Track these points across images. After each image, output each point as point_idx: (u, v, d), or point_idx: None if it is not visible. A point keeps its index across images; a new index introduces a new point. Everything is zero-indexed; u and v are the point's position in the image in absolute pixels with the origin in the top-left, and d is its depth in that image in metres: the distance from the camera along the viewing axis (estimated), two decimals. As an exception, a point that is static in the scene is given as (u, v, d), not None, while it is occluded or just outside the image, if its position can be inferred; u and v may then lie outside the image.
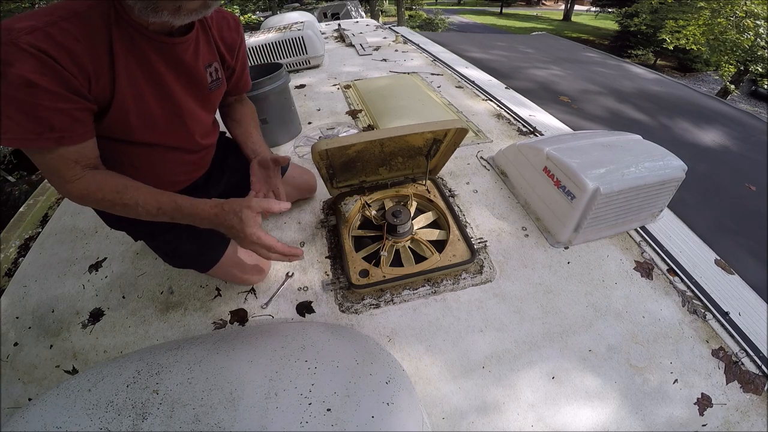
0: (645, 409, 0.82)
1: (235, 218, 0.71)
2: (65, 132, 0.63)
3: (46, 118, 0.60)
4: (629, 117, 2.48)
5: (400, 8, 13.67)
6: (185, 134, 0.85)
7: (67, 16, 0.58)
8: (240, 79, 0.97)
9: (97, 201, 0.71)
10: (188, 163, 0.93)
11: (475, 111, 1.99)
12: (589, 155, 1.12)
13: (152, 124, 0.76)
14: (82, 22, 0.60)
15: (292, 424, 0.53)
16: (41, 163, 0.67)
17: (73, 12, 0.59)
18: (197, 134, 0.89)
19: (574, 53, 4.05)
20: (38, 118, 0.60)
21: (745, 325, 0.96)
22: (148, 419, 0.54)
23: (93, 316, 1.06)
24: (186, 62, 0.76)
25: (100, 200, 0.71)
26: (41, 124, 0.60)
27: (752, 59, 7.08)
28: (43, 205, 1.63)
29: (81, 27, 0.59)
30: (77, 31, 0.59)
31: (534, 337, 0.94)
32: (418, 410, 0.63)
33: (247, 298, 1.06)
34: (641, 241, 1.18)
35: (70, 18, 0.58)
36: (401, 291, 1.05)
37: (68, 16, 0.58)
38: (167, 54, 0.72)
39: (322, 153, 0.98)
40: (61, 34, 0.57)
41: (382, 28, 3.90)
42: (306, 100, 2.20)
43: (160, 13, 0.60)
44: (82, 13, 0.60)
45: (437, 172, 1.30)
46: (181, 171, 0.92)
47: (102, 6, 0.62)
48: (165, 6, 0.60)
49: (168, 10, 0.60)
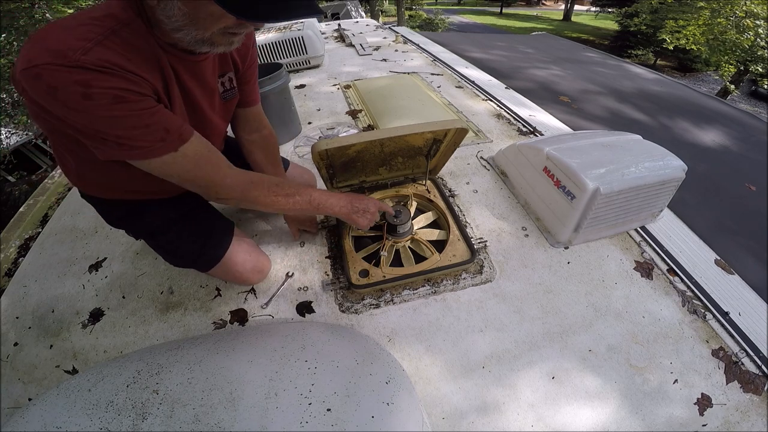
0: (645, 409, 0.82)
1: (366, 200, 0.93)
2: (180, 129, 0.64)
3: (156, 123, 0.61)
4: (629, 117, 2.48)
5: (400, 8, 13.68)
6: None
7: (107, 33, 0.56)
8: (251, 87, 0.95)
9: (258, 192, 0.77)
10: None
11: (475, 111, 1.99)
12: (589, 155, 1.12)
13: None
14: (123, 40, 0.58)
15: (292, 424, 0.53)
16: (182, 169, 0.67)
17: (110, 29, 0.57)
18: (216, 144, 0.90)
19: (574, 53, 4.05)
20: (150, 126, 0.60)
21: (745, 325, 0.96)
22: (148, 419, 0.54)
23: (93, 316, 1.06)
24: (206, 77, 0.77)
25: (261, 194, 0.77)
26: (157, 130, 0.61)
27: (752, 59, 7.08)
28: (43, 205, 1.63)
29: (122, 44, 0.58)
30: (121, 49, 0.57)
31: (534, 337, 0.94)
32: (418, 410, 0.63)
33: (247, 298, 1.06)
34: (641, 241, 1.18)
35: (110, 36, 0.56)
36: (401, 291, 1.05)
37: (107, 33, 0.56)
38: (194, 71, 0.73)
39: (322, 153, 0.98)
40: (111, 51, 0.56)
41: (382, 28, 3.90)
42: (306, 100, 2.20)
43: (216, 47, 0.64)
44: (120, 31, 0.58)
45: (437, 172, 1.30)
46: None
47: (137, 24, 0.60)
48: (221, 42, 0.63)
49: (223, 45, 0.64)
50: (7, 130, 5.99)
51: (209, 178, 0.71)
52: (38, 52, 0.52)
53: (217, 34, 0.61)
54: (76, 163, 0.76)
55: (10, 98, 4.86)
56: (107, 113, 0.55)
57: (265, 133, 1.05)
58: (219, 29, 0.60)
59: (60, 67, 0.51)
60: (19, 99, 4.87)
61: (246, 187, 0.76)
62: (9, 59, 4.40)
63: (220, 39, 0.62)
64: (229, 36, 0.63)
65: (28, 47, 0.53)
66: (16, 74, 0.54)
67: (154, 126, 0.61)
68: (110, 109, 0.55)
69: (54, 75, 0.51)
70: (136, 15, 0.60)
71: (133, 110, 0.58)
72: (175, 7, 0.56)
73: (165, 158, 0.64)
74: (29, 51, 0.52)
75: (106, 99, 0.54)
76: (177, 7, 0.56)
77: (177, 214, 0.94)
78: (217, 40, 0.62)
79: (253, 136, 1.03)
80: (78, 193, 0.92)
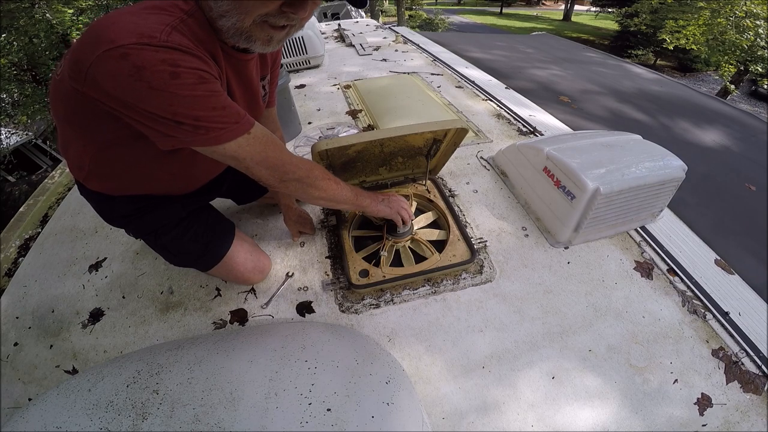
0: (645, 409, 0.82)
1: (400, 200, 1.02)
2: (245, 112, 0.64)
3: (231, 105, 0.61)
4: (629, 117, 2.48)
5: (400, 8, 13.68)
6: None
7: (177, 22, 0.57)
8: (273, 89, 0.97)
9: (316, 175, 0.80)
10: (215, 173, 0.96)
11: (475, 111, 1.99)
12: (589, 155, 1.12)
13: None
14: (189, 28, 0.58)
15: (292, 424, 0.53)
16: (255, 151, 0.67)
17: (180, 18, 0.57)
18: None
19: (574, 53, 4.05)
20: (226, 108, 0.60)
21: (745, 325, 0.96)
22: (148, 419, 0.54)
23: (93, 316, 1.06)
24: (251, 78, 0.78)
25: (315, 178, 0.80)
26: (232, 112, 0.61)
27: (752, 59, 7.07)
28: (43, 205, 1.63)
29: (189, 33, 0.58)
30: (190, 36, 0.58)
31: (534, 337, 0.94)
32: (418, 410, 0.63)
33: (247, 298, 1.06)
34: (641, 241, 1.18)
35: (180, 24, 0.57)
36: (401, 291, 1.05)
37: (178, 22, 0.57)
38: (238, 70, 0.73)
39: (322, 153, 0.98)
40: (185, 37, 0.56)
41: (382, 28, 3.90)
42: (306, 100, 2.20)
43: (253, 43, 0.63)
44: (187, 20, 0.58)
45: (437, 172, 1.30)
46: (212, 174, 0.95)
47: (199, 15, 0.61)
48: (258, 36, 0.62)
49: (261, 40, 0.63)
50: (7, 130, 5.99)
51: (279, 157, 0.72)
52: (121, 33, 0.51)
53: (256, 25, 0.60)
54: (91, 158, 0.74)
55: (10, 98, 4.87)
56: (191, 92, 0.55)
57: (278, 135, 1.07)
58: (259, 16, 0.58)
59: (147, 46, 0.51)
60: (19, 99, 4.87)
61: (309, 165, 0.78)
62: (9, 59, 4.40)
63: (258, 32, 0.61)
64: (268, 30, 0.61)
65: (101, 32, 0.51)
66: (87, 58, 0.52)
67: (230, 108, 0.61)
68: (194, 88, 0.55)
69: (141, 54, 0.50)
70: (196, 6, 0.61)
71: (214, 91, 0.58)
72: None
73: (239, 140, 0.64)
74: (110, 33, 0.51)
75: (193, 78, 0.54)
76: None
77: (185, 212, 0.94)
78: (255, 33, 0.61)
79: None
80: (77, 192, 0.92)
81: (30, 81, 4.81)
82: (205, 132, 0.59)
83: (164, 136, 0.59)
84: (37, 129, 6.67)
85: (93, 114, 0.61)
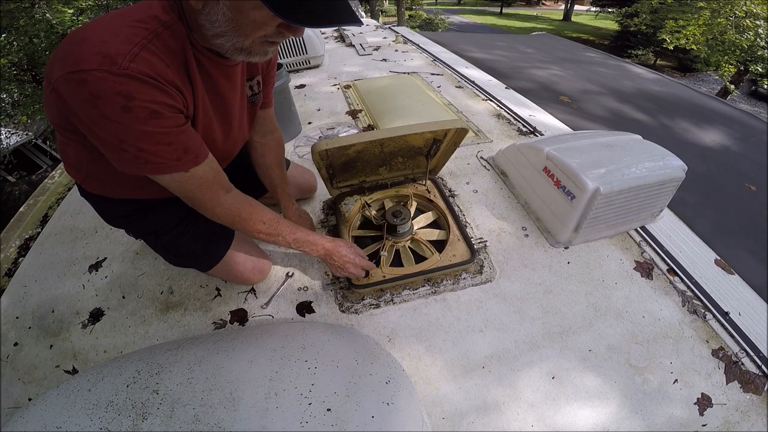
0: (645, 409, 0.82)
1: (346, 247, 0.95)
2: (197, 150, 0.67)
3: (179, 142, 0.63)
4: (629, 117, 2.48)
5: (400, 8, 13.67)
6: (230, 151, 0.89)
7: (151, 37, 0.57)
8: (269, 90, 0.96)
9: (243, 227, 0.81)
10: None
11: (475, 111, 1.99)
12: (589, 155, 1.12)
13: (213, 144, 0.78)
14: (163, 43, 0.59)
15: (292, 424, 0.53)
16: (184, 188, 0.70)
17: (155, 33, 0.58)
18: (238, 148, 0.93)
19: (574, 53, 4.05)
20: (172, 144, 0.62)
21: (745, 325, 0.96)
22: (148, 419, 0.54)
23: (93, 316, 1.06)
24: (237, 81, 0.78)
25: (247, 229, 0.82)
26: (177, 149, 0.63)
27: (752, 59, 7.07)
28: (43, 205, 1.63)
29: (163, 48, 0.59)
30: (162, 53, 0.58)
31: (534, 337, 0.94)
32: (418, 410, 0.63)
33: (247, 298, 1.06)
34: (641, 241, 1.18)
35: (154, 40, 0.57)
36: (401, 291, 1.05)
37: (152, 37, 0.57)
38: (227, 75, 0.74)
39: (322, 153, 0.98)
40: (154, 57, 0.56)
41: (382, 28, 3.89)
42: (306, 100, 2.20)
43: (252, 56, 0.65)
44: (162, 34, 0.59)
45: (437, 172, 1.30)
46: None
47: (177, 27, 0.61)
48: (257, 51, 0.65)
49: (259, 55, 0.66)
50: (7, 130, 5.99)
51: (205, 203, 0.75)
52: (85, 54, 0.52)
53: (256, 43, 0.62)
54: (87, 163, 0.75)
55: (10, 98, 4.86)
56: (140, 127, 0.57)
57: (277, 136, 1.06)
58: (259, 37, 0.61)
59: (107, 74, 0.51)
60: (19, 99, 4.87)
61: (234, 220, 0.80)
62: (9, 59, 4.40)
63: (257, 48, 0.64)
64: (267, 45, 0.64)
65: (72, 48, 0.53)
66: (54, 74, 0.54)
67: (176, 144, 0.63)
68: (144, 123, 0.57)
69: (99, 83, 0.52)
70: (177, 18, 0.61)
71: (164, 127, 0.60)
72: (220, 12, 0.57)
73: (174, 176, 0.67)
74: (75, 52, 0.52)
75: (144, 113, 0.56)
76: (221, 13, 0.56)
77: (184, 212, 0.94)
78: (255, 49, 0.64)
79: (266, 139, 1.03)
80: (78, 192, 0.92)
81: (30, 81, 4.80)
82: (145, 163, 0.62)
83: (111, 157, 0.63)
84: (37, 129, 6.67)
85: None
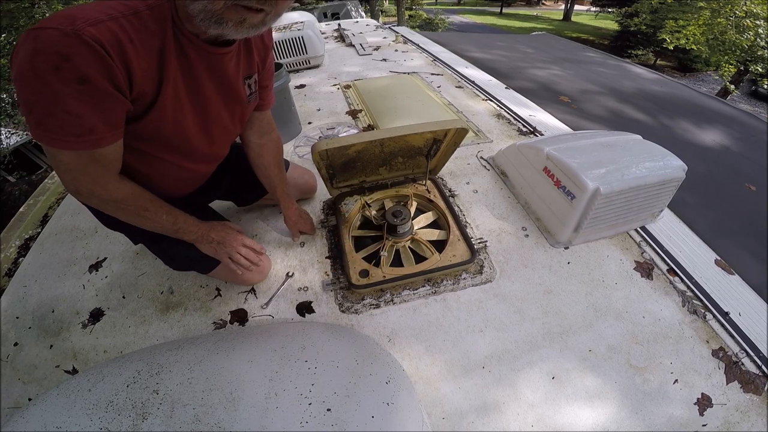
0: (645, 409, 0.82)
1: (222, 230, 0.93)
2: (103, 134, 0.62)
3: (88, 119, 0.58)
4: (629, 117, 2.48)
5: (400, 8, 13.66)
6: (208, 147, 0.85)
7: (128, 13, 0.57)
8: (268, 91, 0.94)
9: (124, 211, 0.75)
10: (201, 174, 0.93)
11: (475, 111, 1.99)
12: (589, 155, 1.12)
13: (183, 135, 0.75)
14: (141, 22, 0.58)
15: (292, 424, 0.53)
16: (67, 164, 0.63)
17: (134, 10, 0.58)
18: (222, 147, 0.90)
19: (574, 53, 4.04)
20: (81, 118, 0.58)
21: (745, 325, 0.96)
22: (148, 419, 0.54)
23: (93, 316, 1.06)
24: (228, 74, 0.76)
25: (125, 211, 0.75)
26: (82, 126, 0.59)
27: (752, 59, 7.07)
28: (43, 205, 1.63)
29: (138, 26, 0.58)
30: (133, 30, 0.57)
31: (534, 337, 0.94)
32: (418, 410, 0.63)
33: (247, 298, 1.06)
34: (641, 241, 1.18)
35: (130, 16, 0.57)
36: (401, 291, 1.05)
37: (129, 13, 0.57)
38: (211, 64, 0.71)
39: (322, 153, 0.98)
40: (120, 29, 0.55)
41: (382, 28, 3.90)
42: (306, 100, 2.20)
43: (224, 25, 0.60)
44: (142, 13, 0.59)
45: (437, 172, 1.30)
46: (191, 179, 0.92)
47: (161, 9, 0.61)
48: (230, 17, 0.59)
49: (233, 22, 0.60)
50: (7, 130, 5.99)
51: (86, 189, 0.68)
52: (55, 17, 0.52)
53: (227, 8, 0.58)
54: None
55: (10, 98, 4.86)
56: (60, 87, 0.53)
57: (274, 136, 1.05)
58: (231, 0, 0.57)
59: (58, 32, 0.50)
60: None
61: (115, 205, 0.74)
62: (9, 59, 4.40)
63: (231, 15, 0.59)
64: (241, 11, 0.58)
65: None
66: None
67: (84, 119, 0.58)
68: (66, 84, 0.53)
69: (47, 39, 0.50)
70: (166, 1, 0.60)
71: (83, 95, 0.55)
72: None
73: (65, 153, 0.61)
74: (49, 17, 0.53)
75: (71, 75, 0.53)
76: None
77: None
78: (226, 15, 0.59)
79: (264, 139, 1.02)
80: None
81: (30, 81, 4.80)
82: (43, 129, 0.58)
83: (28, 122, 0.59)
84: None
85: None
